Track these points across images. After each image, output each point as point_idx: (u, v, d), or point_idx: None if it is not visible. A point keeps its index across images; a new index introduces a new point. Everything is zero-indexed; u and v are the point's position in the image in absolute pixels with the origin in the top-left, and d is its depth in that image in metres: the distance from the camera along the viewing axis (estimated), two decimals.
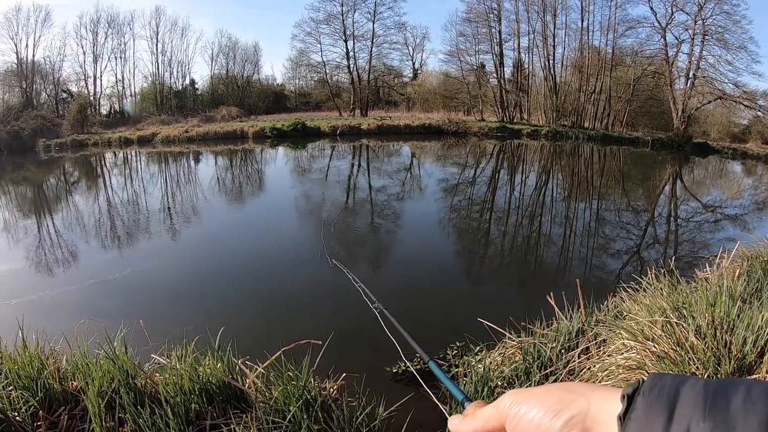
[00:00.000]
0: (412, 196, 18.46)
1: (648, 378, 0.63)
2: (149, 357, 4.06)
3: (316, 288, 8.50)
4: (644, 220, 14.56)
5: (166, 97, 56.40)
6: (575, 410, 0.67)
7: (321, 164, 28.70)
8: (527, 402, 0.73)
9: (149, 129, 44.65)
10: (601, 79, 40.93)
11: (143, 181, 25.58)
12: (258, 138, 40.88)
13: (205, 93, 60.57)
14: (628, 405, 0.62)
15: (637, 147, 34.68)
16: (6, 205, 21.03)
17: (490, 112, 46.34)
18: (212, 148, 37.45)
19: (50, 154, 39.65)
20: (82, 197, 21.17)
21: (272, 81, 67.53)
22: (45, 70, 51.61)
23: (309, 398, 3.49)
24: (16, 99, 48.84)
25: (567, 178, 23.08)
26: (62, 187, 25.18)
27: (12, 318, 4.59)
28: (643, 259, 10.39)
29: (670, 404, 0.58)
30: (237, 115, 50.71)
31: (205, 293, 8.57)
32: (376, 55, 54.11)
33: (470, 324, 5.49)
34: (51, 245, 12.87)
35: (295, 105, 62.85)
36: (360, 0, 51.16)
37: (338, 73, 56.60)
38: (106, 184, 24.93)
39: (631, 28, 40.13)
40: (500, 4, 44.49)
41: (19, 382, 3.58)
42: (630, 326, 4.19)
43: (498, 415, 0.76)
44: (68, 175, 30.21)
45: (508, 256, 11.16)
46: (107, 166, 33.07)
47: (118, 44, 54.36)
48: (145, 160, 35.16)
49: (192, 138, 41.83)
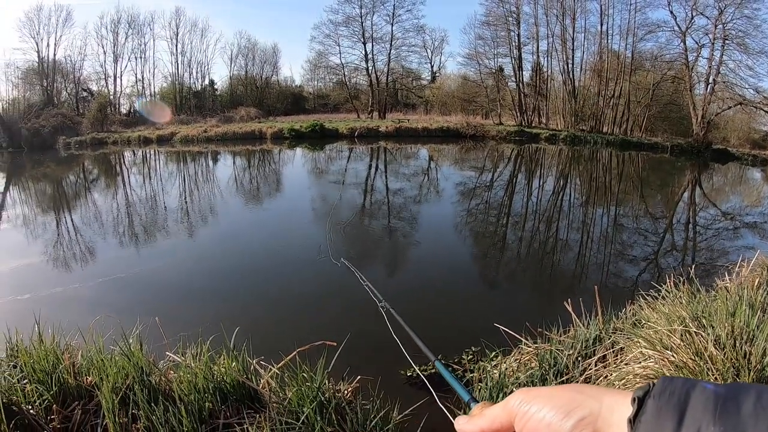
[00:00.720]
0: (429, 199, 18.42)
1: (658, 381, 0.63)
2: (164, 354, 4.07)
3: (330, 288, 8.49)
4: (662, 226, 14.42)
5: (185, 97, 56.90)
6: (586, 411, 0.67)
7: (338, 166, 28.74)
8: (537, 401, 0.72)
9: (168, 128, 45.07)
10: (620, 84, 40.61)
11: (161, 179, 25.76)
12: (276, 139, 41.06)
13: (224, 93, 61.14)
14: (638, 408, 0.62)
15: (656, 153, 34.39)
16: (25, 200, 21.25)
17: (509, 116, 46.26)
18: (230, 148, 37.65)
19: (70, 151, 40.08)
20: (101, 195, 21.35)
21: (291, 82, 68.19)
22: (66, 69, 52.56)
23: (323, 400, 3.48)
24: (37, 97, 49.68)
25: (585, 183, 22.95)
26: (81, 185, 25.41)
27: (28, 312, 4.63)
28: (661, 267, 10.30)
29: (681, 408, 0.58)
30: (255, 116, 51.09)
31: (219, 292, 8.60)
32: (394, 57, 54.46)
33: (486, 329, 5.46)
34: (69, 241, 13.00)
35: (313, 106, 63.25)
36: (379, 2, 51.57)
37: (357, 75, 56.96)
38: (124, 182, 25.14)
39: (651, 32, 39.88)
40: (519, 8, 44.52)
41: (34, 375, 3.60)
42: (648, 335, 4.14)
43: (507, 414, 0.76)
44: (87, 172, 30.48)
45: (524, 260, 11.11)
46: (126, 165, 33.32)
47: (138, 44, 55.34)
48: (163, 159, 35.42)
49: (210, 138, 42.13)
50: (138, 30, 54.98)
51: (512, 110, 45.77)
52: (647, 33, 40.00)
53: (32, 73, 50.75)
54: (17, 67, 50.28)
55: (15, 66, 50.16)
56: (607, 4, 41.22)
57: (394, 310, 2.72)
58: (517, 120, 44.78)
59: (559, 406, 0.69)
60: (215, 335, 4.07)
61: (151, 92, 57.42)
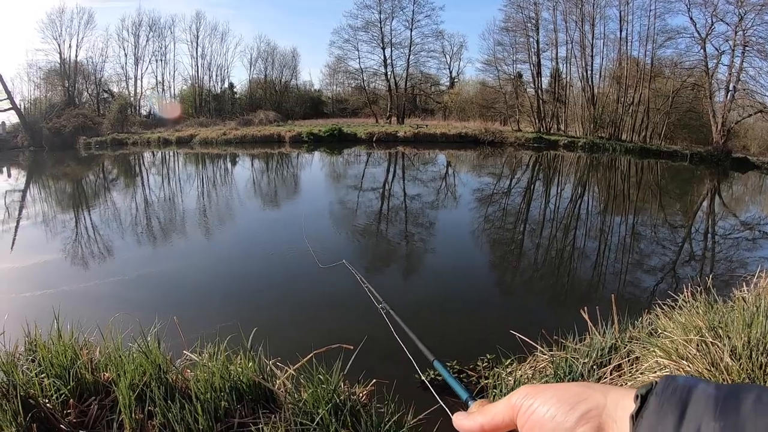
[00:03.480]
0: (446, 205, 18.41)
1: (661, 379, 0.63)
2: (181, 353, 4.11)
3: (347, 292, 8.52)
4: (681, 236, 14.30)
5: (205, 100, 57.28)
6: (592, 404, 0.67)
7: (356, 170, 28.79)
8: (541, 395, 0.72)
9: (188, 130, 45.38)
10: (640, 91, 40.20)
11: (180, 181, 25.94)
12: (295, 142, 41.21)
13: (244, 97, 61.37)
14: (641, 404, 0.62)
15: (675, 161, 34.00)
16: (46, 198, 21.48)
17: (527, 123, 45.96)
18: (249, 151, 37.83)
19: (90, 151, 40.48)
20: (120, 194, 21.56)
21: (310, 86, 68.31)
22: (87, 70, 53.19)
23: (338, 402, 3.50)
24: (59, 97, 50.20)
25: (603, 191, 22.81)
26: (101, 184, 25.63)
27: (47, 307, 4.68)
28: (678, 276, 10.21)
29: (682, 404, 0.58)
30: (274, 120, 51.26)
31: (235, 292, 8.68)
32: (413, 62, 54.36)
33: (501, 335, 5.45)
34: (87, 239, 13.14)
35: (332, 111, 63.42)
36: (398, 8, 51.59)
37: (375, 80, 57.00)
38: (143, 183, 25.35)
39: (671, 38, 39.35)
40: (538, 14, 44.27)
41: (52, 370, 3.65)
42: (664, 344, 4.11)
43: (509, 410, 0.75)
44: (107, 172, 30.73)
45: (541, 268, 11.07)
46: (145, 165, 33.58)
47: (159, 47, 55.95)
48: (182, 161, 35.66)
49: (229, 140, 42.35)
50: (159, 33, 55.69)
51: (531, 117, 45.49)
52: (667, 39, 39.56)
53: (54, 74, 51.36)
54: (39, 68, 51.00)
55: (37, 67, 50.89)
56: (626, 10, 40.88)
57: (393, 311, 2.73)
58: (535, 126, 44.51)
59: (564, 400, 0.69)
60: (232, 335, 4.10)
61: (172, 94, 58.11)
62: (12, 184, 27.05)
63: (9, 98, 46.99)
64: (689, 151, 34.92)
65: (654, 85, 40.22)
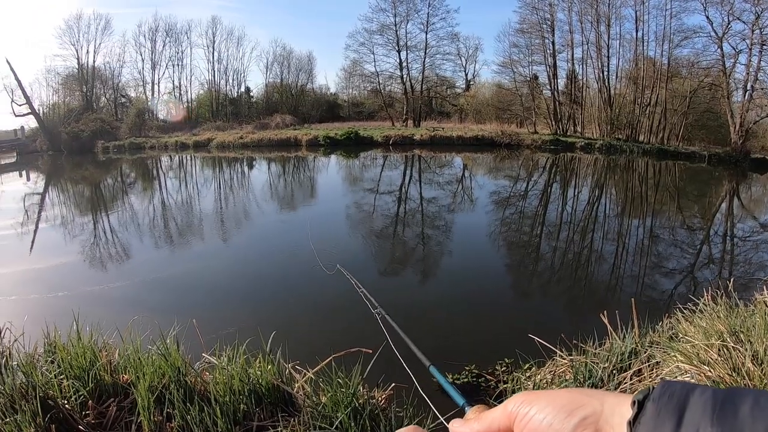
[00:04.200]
0: (463, 208, 18.39)
1: (658, 385, 0.63)
2: (200, 356, 4.12)
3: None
4: (699, 238, 14.17)
5: (222, 104, 57.73)
6: (589, 410, 0.67)
7: (372, 173, 28.87)
8: (538, 402, 0.72)
9: (205, 134, 45.81)
10: (657, 91, 39.83)
11: (197, 184, 26.12)
12: (311, 146, 41.35)
13: (260, 100, 61.83)
14: (638, 411, 0.62)
15: (693, 162, 33.61)
16: (64, 201, 21.71)
17: (544, 125, 45.76)
18: (266, 155, 38.03)
19: (108, 155, 40.94)
20: (138, 197, 21.76)
21: (326, 90, 68.65)
22: (105, 75, 54.07)
23: (357, 406, 3.50)
24: (77, 102, 50.92)
25: (620, 193, 22.68)
26: (118, 187, 25.87)
27: (66, 309, 4.71)
28: (698, 279, 10.10)
29: (679, 410, 0.59)
30: (291, 123, 51.48)
31: (252, 295, 8.74)
32: (429, 65, 54.45)
33: (520, 339, 5.40)
34: (105, 242, 13.28)
35: (348, 114, 63.64)
36: (413, 11, 51.70)
37: (391, 83, 57.03)
38: (160, 186, 25.53)
39: (687, 38, 38.89)
40: (554, 15, 44.07)
41: (71, 371, 3.67)
42: (685, 349, 4.06)
43: (506, 417, 0.74)
44: (125, 176, 30.99)
45: (559, 271, 11.01)
46: (162, 169, 33.85)
47: (176, 52, 56.78)
48: (199, 164, 35.91)
49: (246, 144, 42.62)
50: (175, 38, 56.44)
51: (547, 119, 45.33)
52: (683, 39, 39.10)
53: (72, 79, 52.17)
54: (57, 73, 51.83)
55: (55, 72, 51.71)
56: (642, 9, 40.56)
57: (388, 316, 2.72)
58: (552, 128, 44.30)
59: (560, 407, 0.69)
60: (251, 338, 4.10)
61: (188, 99, 58.67)
62: (31, 188, 27.36)
63: (28, 103, 47.59)
64: (707, 152, 34.51)
65: (671, 86, 39.82)
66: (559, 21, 44.30)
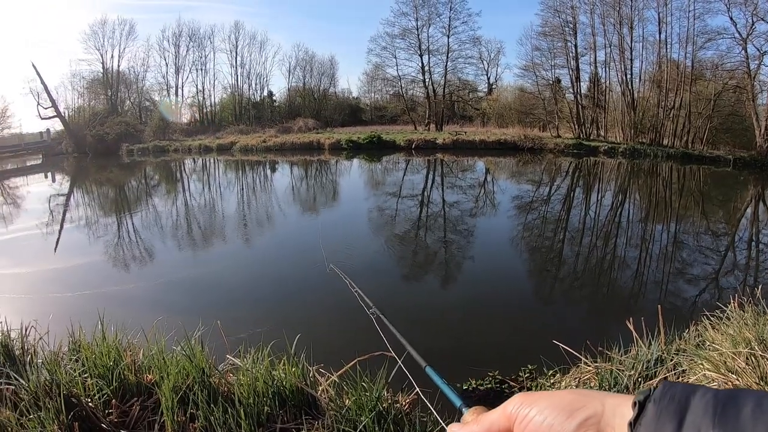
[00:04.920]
0: (485, 213, 18.36)
1: (659, 386, 0.63)
2: (224, 357, 4.13)
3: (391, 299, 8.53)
4: (724, 244, 13.99)
5: (245, 108, 58.25)
6: (590, 412, 0.67)
7: (395, 177, 28.93)
8: (538, 403, 0.72)
9: (228, 138, 46.25)
10: (681, 94, 39.12)
11: (220, 186, 26.35)
12: (334, 149, 41.57)
13: (283, 104, 62.28)
14: (639, 412, 0.62)
15: (718, 166, 33.05)
16: (89, 203, 21.98)
17: (566, 129, 45.31)
18: (288, 158, 38.26)
19: (132, 158, 41.53)
20: (161, 199, 21.97)
21: (348, 94, 68.90)
22: (129, 79, 55.21)
23: (382, 410, 3.49)
24: (102, 106, 51.91)
25: (644, 198, 22.47)
26: (142, 189, 26.18)
27: (89, 308, 4.76)
28: (723, 286, 9.93)
29: (681, 412, 0.58)
30: (313, 127, 51.89)
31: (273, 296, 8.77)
32: (451, 69, 54.44)
33: (544, 346, 5.35)
34: (129, 242, 13.47)
35: (370, 118, 63.72)
36: (435, 15, 51.75)
37: (413, 87, 57.02)
38: (184, 188, 25.80)
39: (711, 39, 38.19)
40: (576, 17, 43.69)
41: (95, 370, 3.71)
42: (712, 357, 4.00)
43: (505, 419, 0.75)
44: (149, 178, 31.36)
45: (581, 277, 10.94)
46: (186, 172, 34.18)
47: (199, 57, 57.61)
48: (222, 167, 36.20)
49: (269, 148, 43.00)
50: (199, 43, 57.20)
51: (570, 122, 44.90)
52: (707, 41, 38.38)
53: (97, 83, 53.33)
54: (83, 77, 53.11)
55: (81, 76, 52.93)
56: (665, 11, 39.99)
57: (384, 316, 2.70)
58: (575, 132, 43.87)
59: (561, 408, 0.69)
60: (275, 341, 4.11)
61: (212, 102, 59.47)
62: (56, 189, 27.80)
63: (54, 106, 48.51)
64: (732, 156, 33.94)
65: (695, 89, 39.21)
66: (581, 24, 43.93)
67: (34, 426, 3.14)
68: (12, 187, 29.59)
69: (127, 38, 53.36)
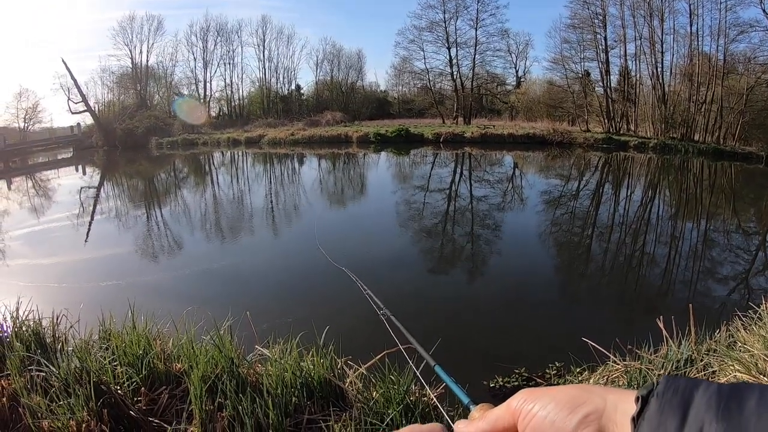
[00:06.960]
0: (513, 208, 18.28)
1: (662, 380, 0.63)
2: (252, 347, 4.16)
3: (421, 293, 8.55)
4: (755, 243, 13.72)
5: (273, 101, 58.66)
6: (591, 407, 0.67)
7: (423, 171, 28.96)
8: (541, 399, 0.72)
9: (256, 131, 46.64)
10: (713, 88, 38.37)
11: (248, 179, 26.53)
12: (362, 143, 41.73)
13: (310, 98, 62.63)
14: (642, 406, 0.62)
15: (750, 163, 32.40)
16: (119, 195, 22.29)
17: (596, 123, 44.82)
18: (316, 151, 38.43)
19: (162, 151, 41.99)
20: (190, 192, 22.20)
21: (375, 87, 68.98)
22: (158, 74, 56.30)
23: (409, 403, 3.50)
24: (131, 100, 52.68)
25: (674, 195, 22.20)
26: (171, 182, 26.47)
27: (119, 297, 4.83)
28: (754, 286, 9.77)
29: (684, 406, 0.58)
30: (341, 120, 52.10)
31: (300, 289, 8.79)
32: (479, 62, 54.25)
33: (572, 343, 5.31)
34: (159, 233, 13.66)
35: (398, 111, 63.76)
36: (462, 7, 51.59)
37: (441, 80, 57.09)
38: (213, 181, 26.02)
39: (743, 32, 37.57)
40: (605, 9, 43.15)
41: (125, 358, 3.79)
42: (743, 358, 3.95)
43: (509, 415, 0.75)
44: (177, 171, 31.66)
45: (610, 274, 10.84)
46: (215, 164, 34.47)
47: (227, 51, 58.48)
48: (251, 160, 36.48)
49: (297, 141, 43.25)
50: (226, 37, 58.01)
51: (600, 116, 44.43)
52: (739, 33, 37.69)
53: (126, 78, 54.46)
54: (112, 72, 54.33)
55: (110, 71, 54.12)
56: (696, 3, 39.15)
57: (394, 317, 2.71)
58: (604, 127, 43.39)
59: (563, 403, 0.69)
60: (303, 332, 4.13)
61: (239, 96, 60.19)
62: (87, 181, 28.18)
63: (84, 101, 49.37)
64: (765, 153, 33.37)
65: (727, 82, 38.54)
66: (610, 16, 43.36)
67: (64, 412, 3.21)
68: (44, 179, 30.10)
69: (155, 33, 54.43)
